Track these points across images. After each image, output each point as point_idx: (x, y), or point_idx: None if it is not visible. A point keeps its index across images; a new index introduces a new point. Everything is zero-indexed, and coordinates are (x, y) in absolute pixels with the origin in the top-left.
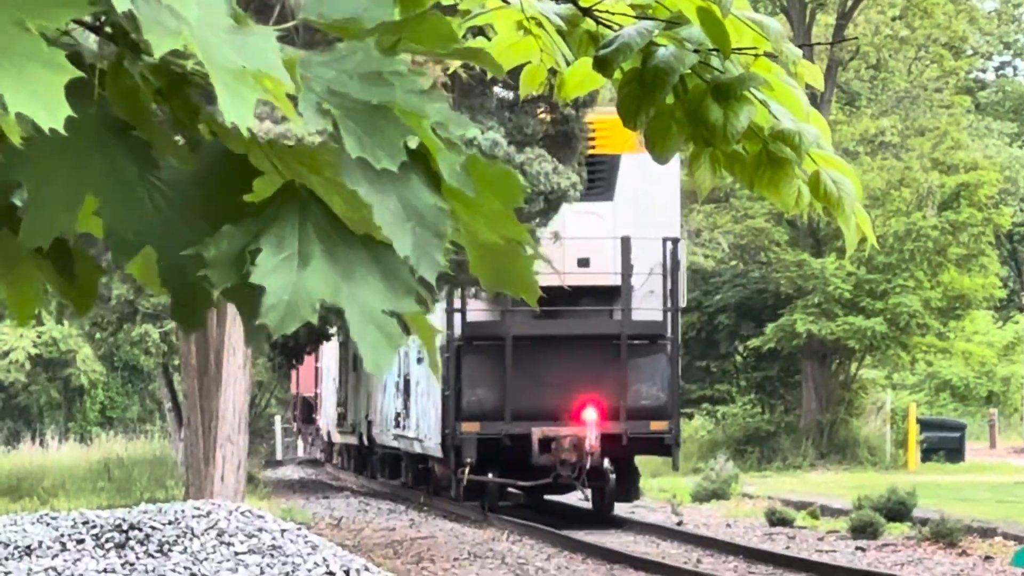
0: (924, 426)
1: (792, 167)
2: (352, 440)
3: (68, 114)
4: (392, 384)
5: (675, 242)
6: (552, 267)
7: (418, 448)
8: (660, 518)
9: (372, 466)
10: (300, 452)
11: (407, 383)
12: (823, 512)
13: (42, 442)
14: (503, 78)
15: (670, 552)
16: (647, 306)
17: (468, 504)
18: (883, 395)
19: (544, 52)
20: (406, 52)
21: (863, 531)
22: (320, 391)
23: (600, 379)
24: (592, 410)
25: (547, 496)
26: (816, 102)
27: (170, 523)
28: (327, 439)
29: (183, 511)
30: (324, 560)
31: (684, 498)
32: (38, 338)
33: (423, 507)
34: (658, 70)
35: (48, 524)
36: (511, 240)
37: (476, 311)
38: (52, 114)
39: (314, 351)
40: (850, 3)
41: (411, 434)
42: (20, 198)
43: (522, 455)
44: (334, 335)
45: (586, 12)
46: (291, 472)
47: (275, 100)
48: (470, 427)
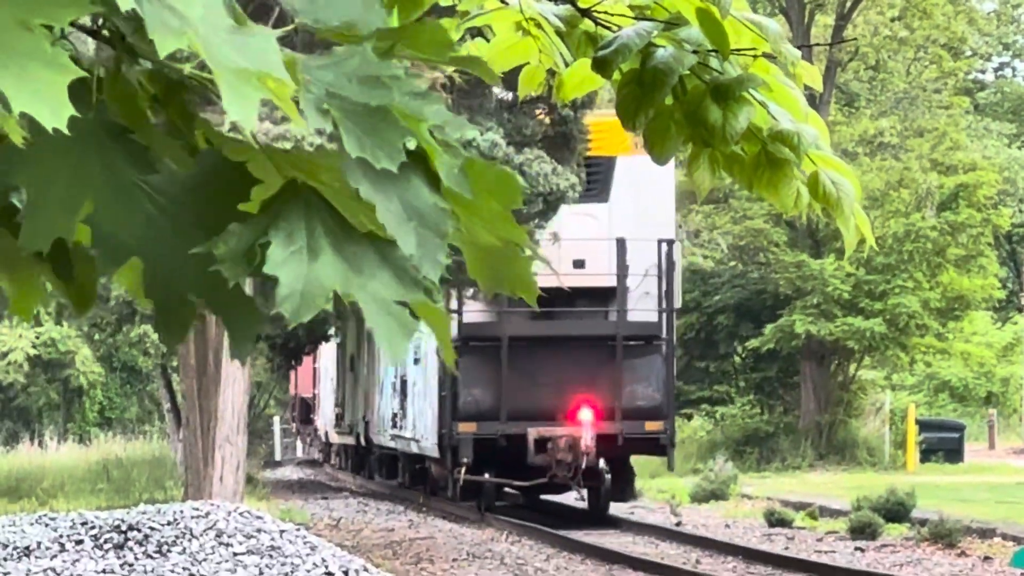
0: (923, 427)
1: (791, 168)
2: (349, 440)
3: (71, 113)
4: (389, 385)
5: (670, 243)
6: (551, 268)
7: (415, 448)
8: (659, 518)
9: (369, 466)
10: (299, 453)
11: (404, 384)
12: (822, 513)
13: (41, 443)
14: (497, 83)
15: (669, 553)
16: (642, 307)
17: (465, 504)
18: (882, 396)
19: (543, 53)
20: (402, 57)
21: (862, 532)
22: (318, 392)
23: (596, 379)
24: (588, 410)
25: (543, 496)
26: (815, 103)
27: (169, 524)
28: (325, 439)
29: (182, 512)
30: (323, 561)
31: (683, 499)
32: (37, 339)
33: (422, 508)
34: (657, 71)
35: (47, 525)
36: (509, 242)
37: (473, 312)
38: (55, 114)
39: (313, 352)
40: (849, 4)
41: (408, 434)
42: (19, 199)
43: (518, 455)
44: (332, 336)
45: (585, 13)
46: (290, 473)
47: (278, 100)
48: (466, 427)
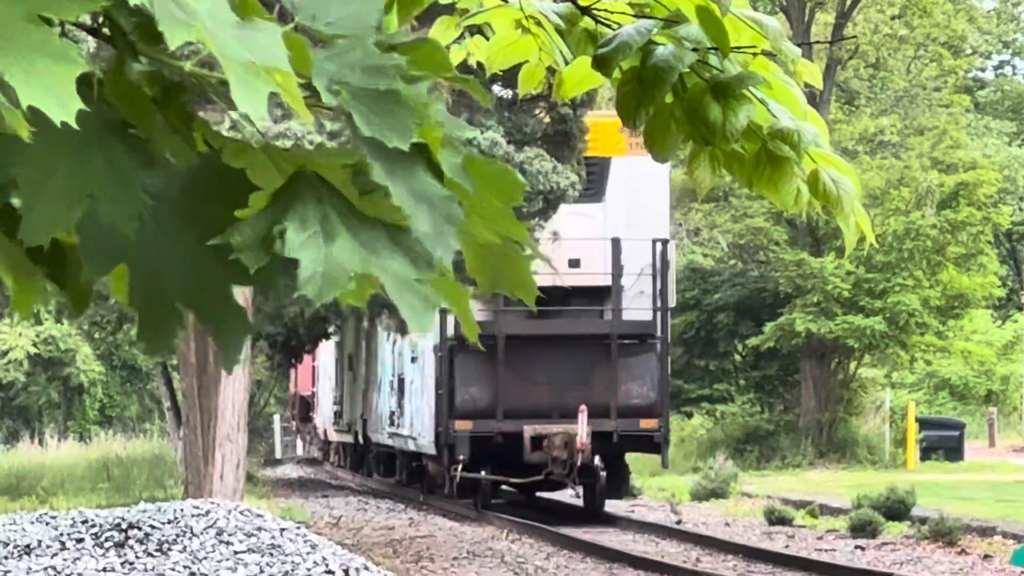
0: (923, 425)
1: (791, 166)
2: (348, 438)
3: (80, 107)
4: (386, 383)
5: (665, 243)
6: (551, 266)
7: (412, 446)
8: (659, 517)
9: (368, 464)
10: (299, 451)
11: (401, 382)
12: (822, 511)
13: (41, 441)
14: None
15: (669, 551)
16: (637, 306)
17: (463, 501)
18: (882, 394)
19: (543, 51)
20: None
21: (862, 530)
22: (317, 390)
23: (591, 378)
24: (583, 408)
25: (539, 493)
26: (815, 101)
27: (169, 522)
28: (324, 438)
29: (182, 510)
30: (323, 559)
31: (683, 497)
32: (37, 337)
33: (422, 506)
34: (657, 69)
35: (47, 523)
36: (509, 240)
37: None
38: (64, 107)
39: (313, 350)
40: (849, 2)
41: (405, 432)
42: (16, 195)
43: (514, 453)
44: (332, 334)
45: (585, 11)
46: (290, 471)
47: (285, 94)
48: (463, 425)
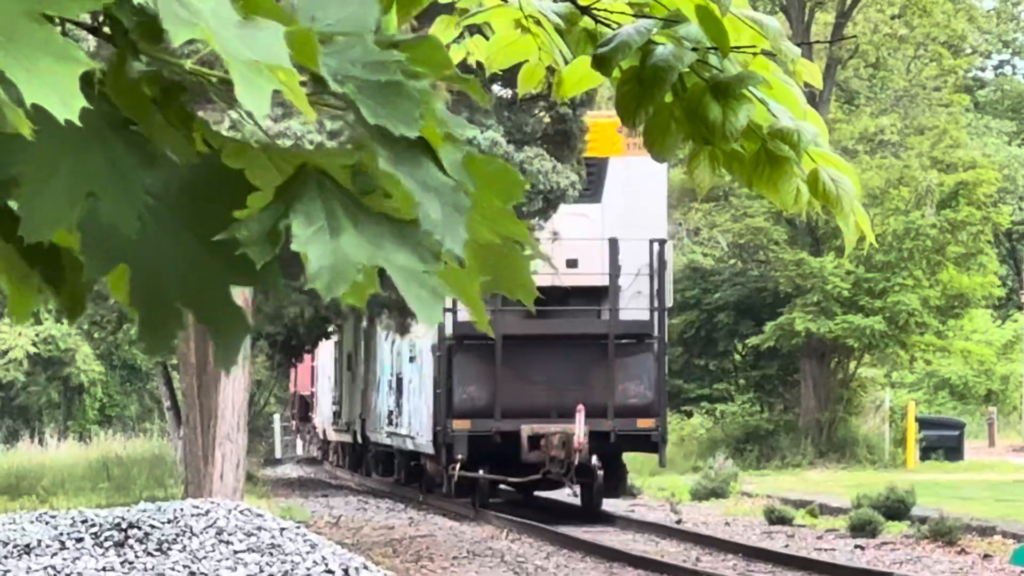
0: (923, 424)
1: (791, 165)
2: (347, 438)
3: (83, 105)
4: (385, 382)
5: (662, 243)
6: (551, 266)
7: (410, 445)
8: (659, 516)
9: (366, 463)
10: (299, 451)
11: (399, 381)
12: (822, 510)
13: (41, 440)
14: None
15: (669, 550)
16: (634, 306)
17: (461, 500)
18: (882, 393)
19: (542, 50)
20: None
21: (862, 529)
22: (316, 390)
23: (588, 377)
24: (580, 408)
25: (536, 492)
26: (815, 100)
27: (169, 522)
28: (323, 437)
29: (182, 509)
30: (323, 559)
31: (683, 496)
32: (37, 337)
33: (422, 505)
34: (657, 68)
35: (47, 523)
36: (509, 239)
37: (467, 311)
38: (67, 106)
39: (313, 350)
40: (849, 1)
41: (404, 431)
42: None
43: (512, 452)
44: (332, 333)
45: (584, 10)
46: (290, 470)
47: (289, 92)
48: (461, 424)
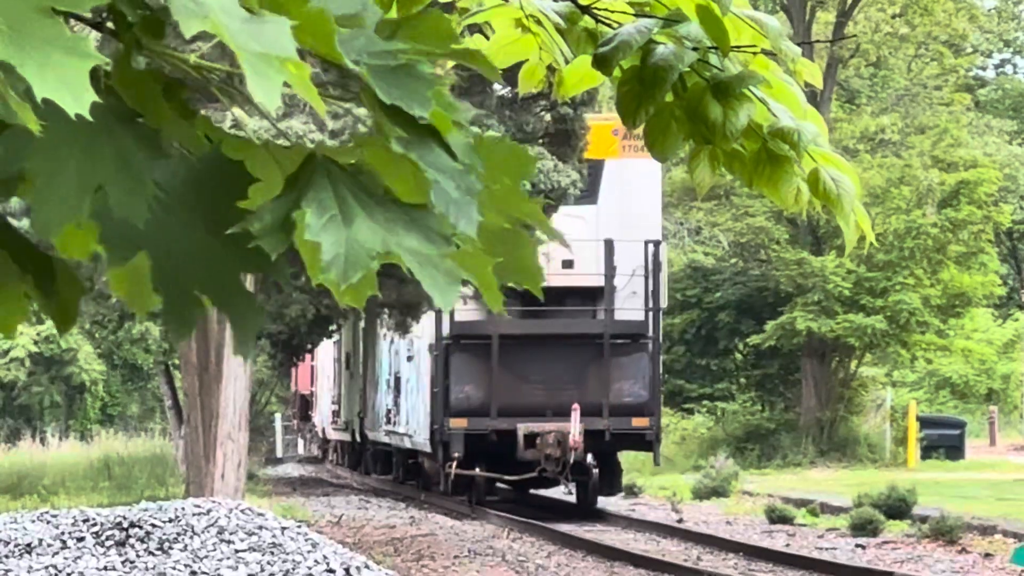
0: (924, 423)
1: (791, 164)
2: (346, 437)
3: (94, 99)
4: (383, 381)
5: (656, 245)
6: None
7: (408, 444)
8: (660, 515)
9: (365, 462)
10: (300, 450)
11: (397, 380)
12: (823, 510)
13: (43, 440)
14: (498, 79)
15: (670, 549)
16: (629, 307)
17: (458, 498)
18: (883, 393)
19: (543, 50)
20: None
21: (863, 528)
22: (316, 389)
23: (584, 377)
24: (576, 407)
25: (532, 490)
26: (816, 100)
27: (170, 521)
28: (323, 436)
29: (183, 509)
30: (324, 558)
31: (684, 496)
32: (38, 336)
33: (423, 504)
34: (657, 68)
35: (48, 522)
36: (519, 223)
37: (464, 311)
38: (78, 100)
39: (314, 349)
40: (850, 1)
41: (401, 430)
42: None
43: (508, 450)
44: (333, 331)
45: (585, 10)
46: (291, 470)
47: (298, 84)
48: (458, 423)
